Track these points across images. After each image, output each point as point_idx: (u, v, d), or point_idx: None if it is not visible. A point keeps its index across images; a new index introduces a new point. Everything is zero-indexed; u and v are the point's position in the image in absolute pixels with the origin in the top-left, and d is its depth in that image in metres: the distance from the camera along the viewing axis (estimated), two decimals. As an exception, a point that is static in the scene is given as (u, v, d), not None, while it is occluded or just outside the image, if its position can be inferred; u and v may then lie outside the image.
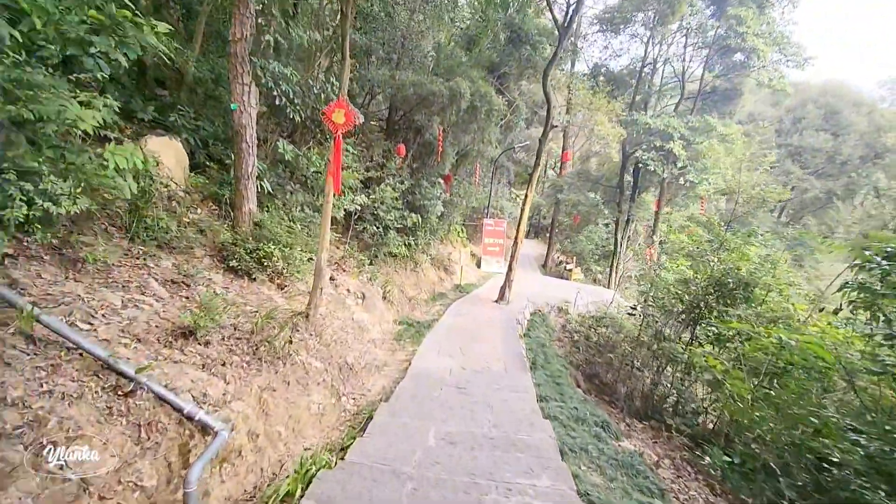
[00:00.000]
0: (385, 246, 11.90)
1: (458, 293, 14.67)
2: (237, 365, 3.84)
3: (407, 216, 12.50)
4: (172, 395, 2.90)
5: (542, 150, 12.48)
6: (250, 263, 6.17)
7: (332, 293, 8.52)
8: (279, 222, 6.90)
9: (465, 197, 17.09)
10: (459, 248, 19.14)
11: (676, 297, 9.76)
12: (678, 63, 18.94)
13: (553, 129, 12.06)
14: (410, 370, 6.49)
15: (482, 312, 11.71)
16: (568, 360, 11.10)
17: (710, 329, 9.16)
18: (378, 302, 9.51)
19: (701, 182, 15.60)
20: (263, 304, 5.83)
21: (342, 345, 6.70)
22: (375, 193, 10.91)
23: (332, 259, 9.79)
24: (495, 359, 7.50)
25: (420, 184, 13.53)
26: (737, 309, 7.66)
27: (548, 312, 14.41)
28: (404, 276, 13.13)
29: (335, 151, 5.71)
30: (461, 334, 9.06)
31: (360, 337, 7.79)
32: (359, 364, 6.50)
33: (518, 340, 9.01)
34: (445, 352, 7.66)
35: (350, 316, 8.26)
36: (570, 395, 7.16)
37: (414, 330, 9.10)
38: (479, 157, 16.22)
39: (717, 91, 19.08)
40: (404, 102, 11.77)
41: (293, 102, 7.52)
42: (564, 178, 22.56)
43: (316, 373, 5.04)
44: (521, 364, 7.36)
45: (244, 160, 6.39)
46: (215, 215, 7.03)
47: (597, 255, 27.10)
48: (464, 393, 5.74)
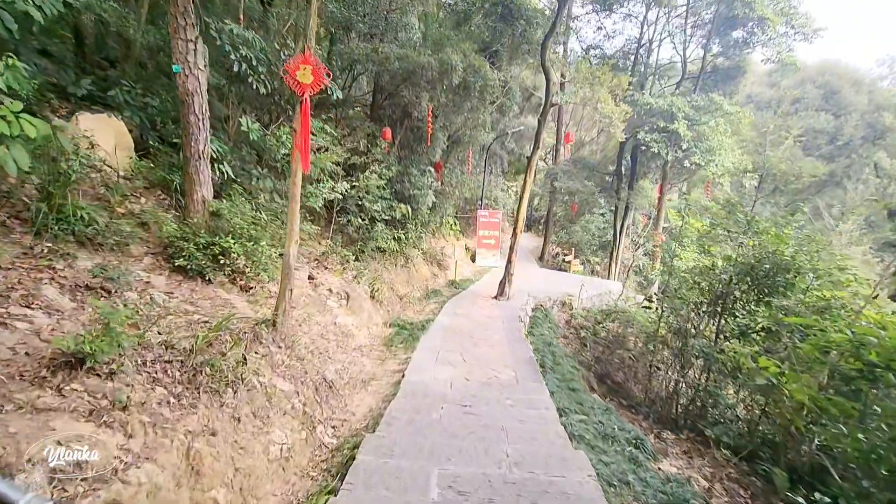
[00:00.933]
0: (372, 240, 10.78)
1: (454, 289, 13.62)
2: (159, 402, 2.73)
3: (395, 207, 11.38)
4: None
5: (541, 131, 11.43)
6: (203, 261, 5.03)
7: (311, 294, 7.41)
8: (242, 212, 5.75)
9: (457, 187, 16.02)
10: (453, 242, 18.06)
11: (695, 286, 8.82)
12: (679, 39, 17.98)
13: (552, 107, 11.00)
14: (404, 384, 5.41)
15: (481, 310, 10.66)
16: (576, 358, 10.14)
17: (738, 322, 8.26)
18: (365, 302, 8.41)
19: (707, 164, 14.70)
20: (220, 312, 4.70)
21: (321, 356, 5.60)
22: (359, 182, 9.77)
23: (312, 255, 8.66)
24: (502, 365, 6.46)
25: (409, 172, 12.41)
26: (777, 298, 6.70)
27: (550, 307, 13.42)
28: (394, 273, 12.02)
29: (302, 119, 4.58)
30: (460, 337, 8.00)
31: (344, 344, 6.69)
32: (341, 379, 5.41)
33: (525, 342, 7.99)
34: (444, 359, 6.59)
35: (332, 320, 7.15)
36: (589, 403, 6.16)
37: (407, 333, 8.02)
38: (471, 143, 15.14)
39: (719, 70, 18.17)
40: (390, 81, 10.63)
41: (256, 71, 6.35)
42: (560, 165, 21.56)
43: (282, 398, 3.94)
44: (532, 371, 6.33)
45: (193, 136, 5.23)
46: (165, 205, 5.87)
47: (594, 245, 26.21)
48: (470, 413, 4.68)
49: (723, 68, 18.26)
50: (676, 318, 8.30)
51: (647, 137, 14.74)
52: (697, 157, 14.78)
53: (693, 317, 8.56)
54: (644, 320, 10.34)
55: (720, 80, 18.04)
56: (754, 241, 7.41)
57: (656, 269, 11.83)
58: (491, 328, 8.84)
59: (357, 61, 10.43)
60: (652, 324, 10.64)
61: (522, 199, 11.65)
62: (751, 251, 7.22)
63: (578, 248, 24.44)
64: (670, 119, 14.95)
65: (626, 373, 11.11)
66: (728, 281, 7.55)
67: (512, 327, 9.05)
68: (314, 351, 5.59)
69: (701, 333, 8.15)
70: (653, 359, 8.75)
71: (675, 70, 22.31)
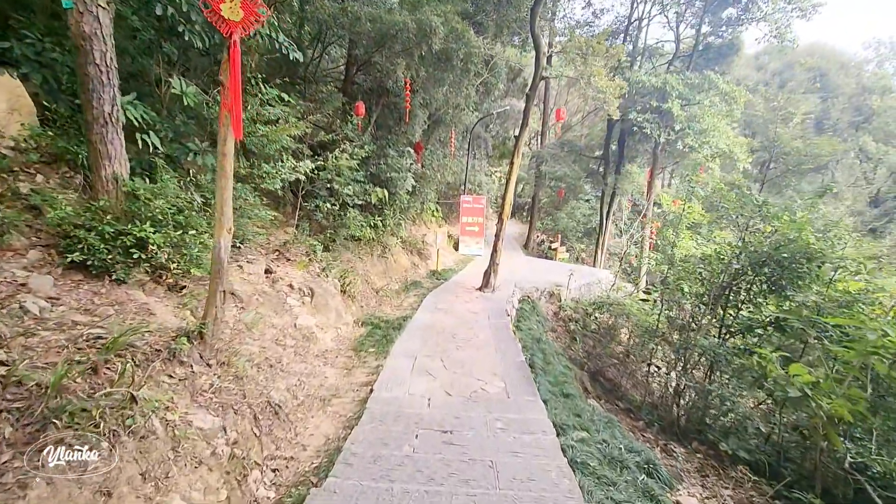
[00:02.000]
0: (344, 227, 9.70)
1: (435, 280, 12.67)
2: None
3: (370, 191, 10.30)
4: None
5: (529, 108, 10.44)
6: (111, 255, 3.93)
7: (268, 291, 6.35)
8: (168, 194, 4.63)
9: (439, 170, 14.94)
10: (435, 229, 17.06)
11: (697, 277, 8.08)
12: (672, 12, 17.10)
13: (542, 80, 10.01)
14: (371, 403, 4.45)
15: (465, 304, 9.75)
16: (567, 354, 9.37)
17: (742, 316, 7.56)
18: (333, 299, 7.38)
19: (701, 146, 13.98)
20: (130, 321, 3.64)
21: (270, 370, 4.59)
22: (328, 162, 8.64)
23: (272, 245, 7.56)
24: (490, 373, 5.56)
25: (386, 153, 11.30)
26: (794, 291, 5.95)
27: (537, 299, 12.63)
28: (370, 264, 10.99)
29: (231, 69, 3.49)
30: (441, 337, 7.08)
31: (304, 351, 5.68)
32: (294, 399, 4.42)
33: (514, 342, 7.11)
34: (422, 366, 5.65)
35: (291, 321, 6.12)
36: (588, 413, 5.34)
37: (381, 333, 7.05)
38: (454, 123, 14.04)
39: (711, 48, 17.40)
40: (364, 50, 9.42)
41: (189, 19, 5.16)
42: (546, 148, 20.64)
43: (199, 441, 2.93)
44: (524, 379, 5.45)
45: (95, 94, 4.07)
46: (73, 185, 4.71)
47: (579, 232, 25.57)
48: (451, 443, 3.76)
49: (715, 46, 17.49)
50: (679, 311, 7.55)
51: (640, 118, 13.91)
52: (691, 138, 14.04)
53: (695, 310, 7.84)
54: (640, 313, 9.61)
55: (712, 58, 17.28)
56: (770, 226, 6.64)
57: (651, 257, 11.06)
58: (476, 325, 7.94)
59: (325, 25, 9.19)
60: (648, 316, 9.93)
61: (509, 183, 10.70)
62: (767, 238, 6.46)
63: (564, 236, 23.77)
64: (663, 98, 14.14)
65: (619, 369, 10.42)
66: (737, 271, 6.79)
67: (499, 324, 8.17)
68: (261, 364, 4.58)
69: (704, 328, 7.41)
70: (651, 357, 8.02)
71: (664, 51, 21.50)
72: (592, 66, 10.41)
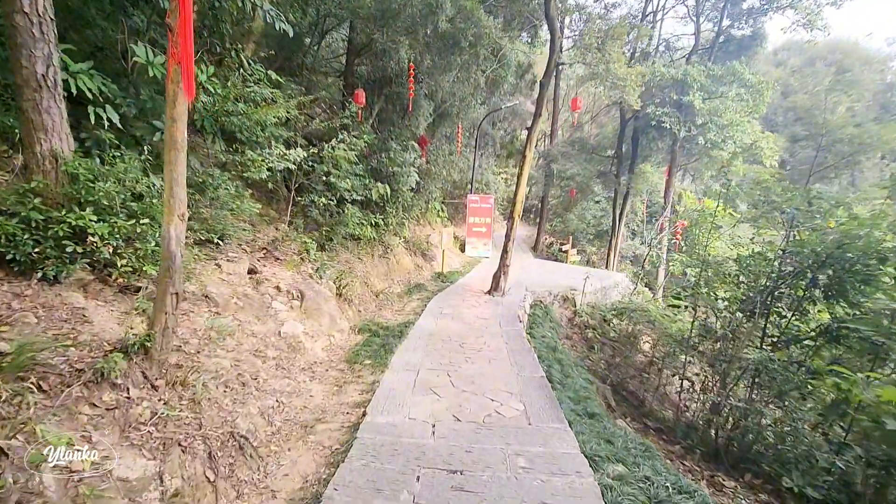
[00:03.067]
0: (342, 225, 8.91)
1: (440, 283, 11.85)
2: None
3: (371, 186, 9.53)
4: None
5: (543, 97, 9.63)
6: (38, 248, 3.16)
7: (250, 294, 5.57)
8: (120, 176, 3.85)
9: (444, 167, 14.16)
10: (440, 230, 16.25)
11: (733, 281, 7.23)
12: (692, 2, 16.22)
13: (559, 66, 9.20)
14: (364, 430, 3.64)
15: (473, 309, 8.92)
16: (585, 364, 8.51)
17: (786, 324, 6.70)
18: (326, 303, 6.58)
19: (724, 141, 13.07)
20: (55, 331, 2.86)
21: (240, 391, 3.79)
22: (324, 152, 7.86)
23: (258, 243, 6.79)
24: (505, 391, 4.72)
25: (388, 146, 10.54)
26: (865, 296, 5.08)
27: (550, 303, 11.78)
28: (370, 265, 10.20)
29: (181, 7, 2.72)
30: (447, 346, 6.25)
31: (288, 364, 4.88)
32: (268, 427, 3.61)
33: (531, 353, 6.27)
34: (425, 382, 4.83)
35: (275, 328, 5.32)
36: (620, 439, 4.48)
37: (379, 342, 6.23)
38: (461, 116, 13.27)
39: (732, 41, 16.49)
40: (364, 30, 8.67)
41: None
42: (557, 147, 19.79)
43: (115, 500, 2.12)
44: (547, 400, 4.61)
45: (25, 51, 3.31)
46: (9, 165, 3.95)
47: (590, 234, 24.64)
48: (463, 489, 2.94)
49: (735, 39, 16.57)
50: (719, 318, 6.67)
51: (659, 111, 13.04)
52: (713, 133, 13.13)
53: (732, 318, 6.96)
54: (666, 320, 8.75)
55: (733, 51, 16.35)
56: (824, 222, 5.77)
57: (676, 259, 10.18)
58: (486, 333, 7.11)
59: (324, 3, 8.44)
60: (674, 323, 9.05)
61: (521, 178, 9.87)
62: (824, 235, 5.59)
63: (574, 238, 22.88)
64: (682, 91, 13.27)
65: (642, 382, 9.55)
66: (787, 274, 5.93)
67: (512, 332, 7.33)
68: (231, 382, 3.78)
69: (745, 338, 6.53)
70: (684, 370, 7.13)
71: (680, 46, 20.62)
72: (611, 53, 9.61)
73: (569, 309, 12.18)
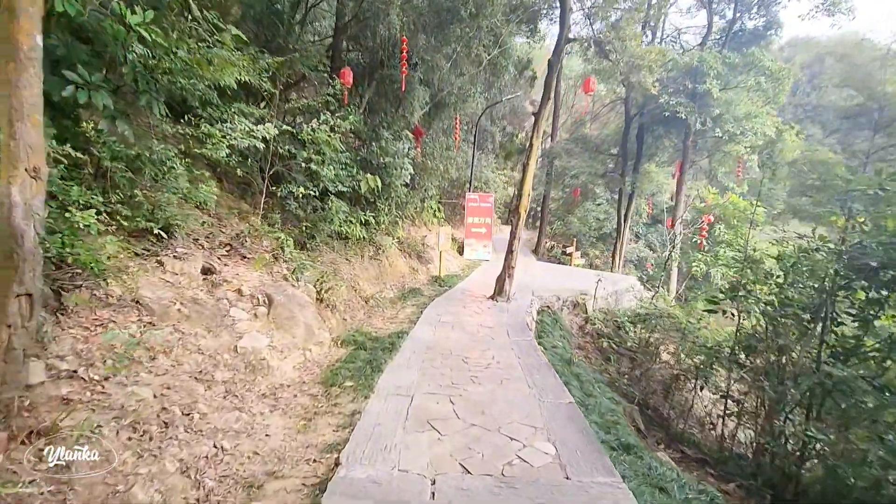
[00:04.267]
0: (327, 221, 7.81)
1: (438, 287, 10.77)
2: None
3: (360, 177, 8.45)
4: None
5: (553, 78, 8.62)
6: None
7: (203, 298, 4.45)
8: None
9: (441, 162, 13.10)
10: (436, 231, 15.17)
11: (775, 283, 6.19)
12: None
13: (569, 42, 8.21)
14: (333, 493, 2.52)
15: (476, 317, 7.83)
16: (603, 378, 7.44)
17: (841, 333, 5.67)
18: (303, 310, 5.45)
19: (742, 134, 12.13)
20: None
21: (157, 436, 2.66)
22: (303, 133, 6.77)
23: (217, 237, 5.66)
24: (526, 424, 3.61)
25: (379, 134, 9.47)
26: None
27: (559, 309, 10.72)
28: (359, 267, 9.08)
29: None
30: (448, 362, 5.14)
31: (243, 388, 3.75)
32: (189, 492, 2.47)
33: (550, 371, 5.17)
34: (420, 411, 3.71)
35: (231, 342, 4.20)
36: (674, 484, 3.42)
37: (365, 356, 5.11)
38: (458, 106, 12.24)
39: (745, 31, 15.65)
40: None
41: None
42: (559, 144, 18.82)
43: None
44: (583, 437, 3.50)
45: None
46: None
47: (592, 237, 23.67)
48: None
49: (748, 29, 15.71)
50: (774, 326, 5.58)
51: (672, 101, 12.07)
52: (731, 125, 12.17)
53: (778, 326, 5.90)
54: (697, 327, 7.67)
55: (746, 41, 15.48)
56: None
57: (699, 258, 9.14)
58: (493, 345, 6.01)
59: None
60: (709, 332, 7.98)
61: (528, 168, 8.84)
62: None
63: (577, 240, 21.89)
64: (698, 79, 12.32)
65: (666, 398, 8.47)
66: (864, 269, 4.89)
67: (523, 344, 6.24)
68: (146, 423, 2.66)
69: (803, 350, 5.48)
70: (728, 388, 6.02)
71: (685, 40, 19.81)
72: (625, 29, 8.62)
73: (579, 315, 11.12)
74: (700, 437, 6.80)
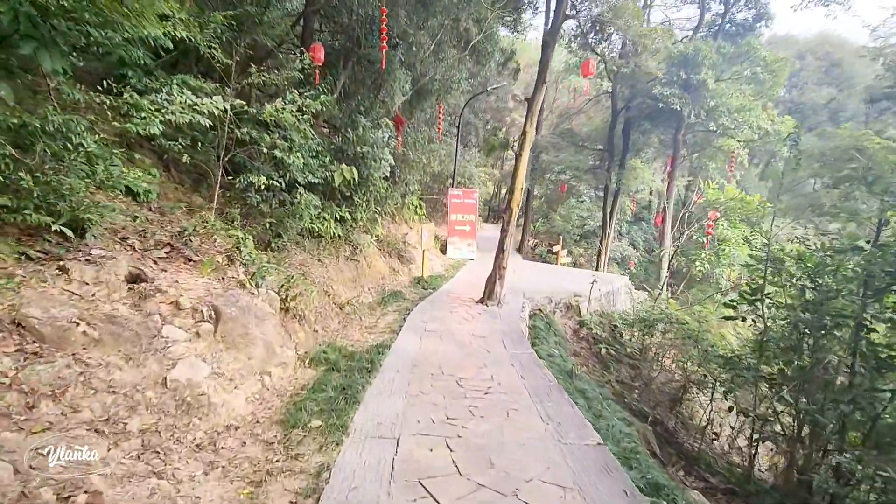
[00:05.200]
0: (295, 217, 6.78)
1: (421, 290, 9.87)
2: None
3: (334, 167, 7.47)
4: None
5: (548, 57, 7.84)
6: None
7: (122, 316, 3.43)
8: None
9: (424, 154, 12.17)
10: (418, 228, 14.26)
11: (794, 286, 5.56)
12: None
13: (566, 19, 7.44)
14: None
15: (466, 323, 6.97)
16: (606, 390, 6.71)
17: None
18: (261, 324, 4.46)
19: (738, 127, 11.67)
20: None
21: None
22: (265, 113, 5.75)
23: (154, 234, 4.61)
24: (550, 483, 2.77)
25: (355, 121, 8.48)
26: None
27: (551, 312, 9.97)
28: (333, 269, 8.08)
29: None
30: (440, 385, 4.26)
31: (169, 440, 2.78)
32: None
33: (561, 393, 4.35)
34: (409, 464, 2.83)
35: (160, 373, 3.21)
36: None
37: (338, 381, 4.18)
38: (443, 94, 11.34)
39: (734, 22, 15.29)
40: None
41: None
42: (544, 138, 18.12)
43: None
44: (626, 502, 2.67)
45: None
46: None
47: (576, 235, 23.17)
48: None
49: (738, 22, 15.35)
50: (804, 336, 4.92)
51: (666, 91, 11.48)
52: (725, 118, 11.68)
53: (803, 334, 5.26)
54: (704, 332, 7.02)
55: (734, 34, 15.11)
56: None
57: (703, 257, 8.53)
58: (490, 360, 5.16)
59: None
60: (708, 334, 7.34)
61: (521, 159, 8.04)
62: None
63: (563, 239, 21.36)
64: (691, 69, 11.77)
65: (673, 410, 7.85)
66: None
67: (524, 358, 5.42)
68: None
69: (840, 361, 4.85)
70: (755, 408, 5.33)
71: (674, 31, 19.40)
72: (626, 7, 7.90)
73: (573, 318, 10.41)
74: (712, 454, 6.15)
